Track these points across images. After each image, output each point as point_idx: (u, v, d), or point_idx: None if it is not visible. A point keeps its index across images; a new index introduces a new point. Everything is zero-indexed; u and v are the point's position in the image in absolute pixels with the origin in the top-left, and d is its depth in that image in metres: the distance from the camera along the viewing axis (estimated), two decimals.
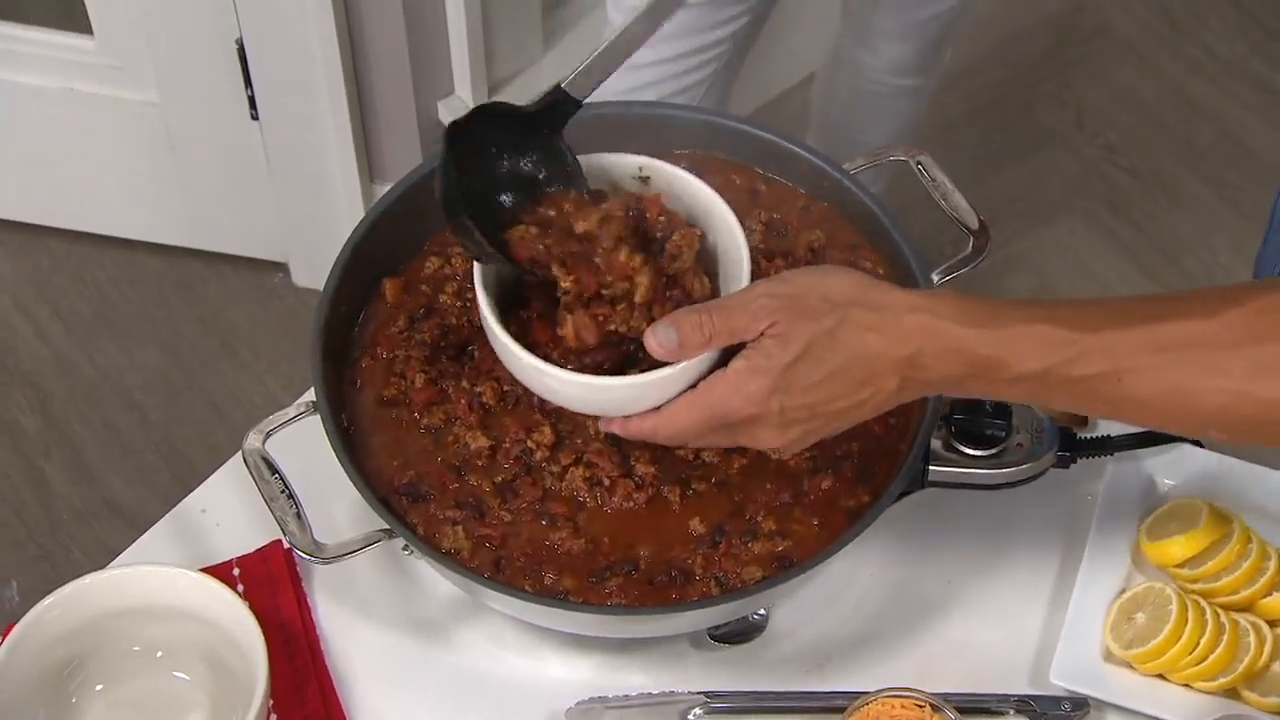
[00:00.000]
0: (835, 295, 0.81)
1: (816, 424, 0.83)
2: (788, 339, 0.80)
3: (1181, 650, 0.95)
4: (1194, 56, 2.33)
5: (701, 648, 1.00)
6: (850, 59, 1.69)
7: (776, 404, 0.81)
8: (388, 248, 1.04)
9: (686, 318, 0.82)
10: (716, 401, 0.82)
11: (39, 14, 1.95)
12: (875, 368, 0.80)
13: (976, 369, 0.80)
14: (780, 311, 0.80)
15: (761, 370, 0.80)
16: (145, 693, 0.96)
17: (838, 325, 0.80)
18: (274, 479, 0.93)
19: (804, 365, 0.80)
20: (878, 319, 0.80)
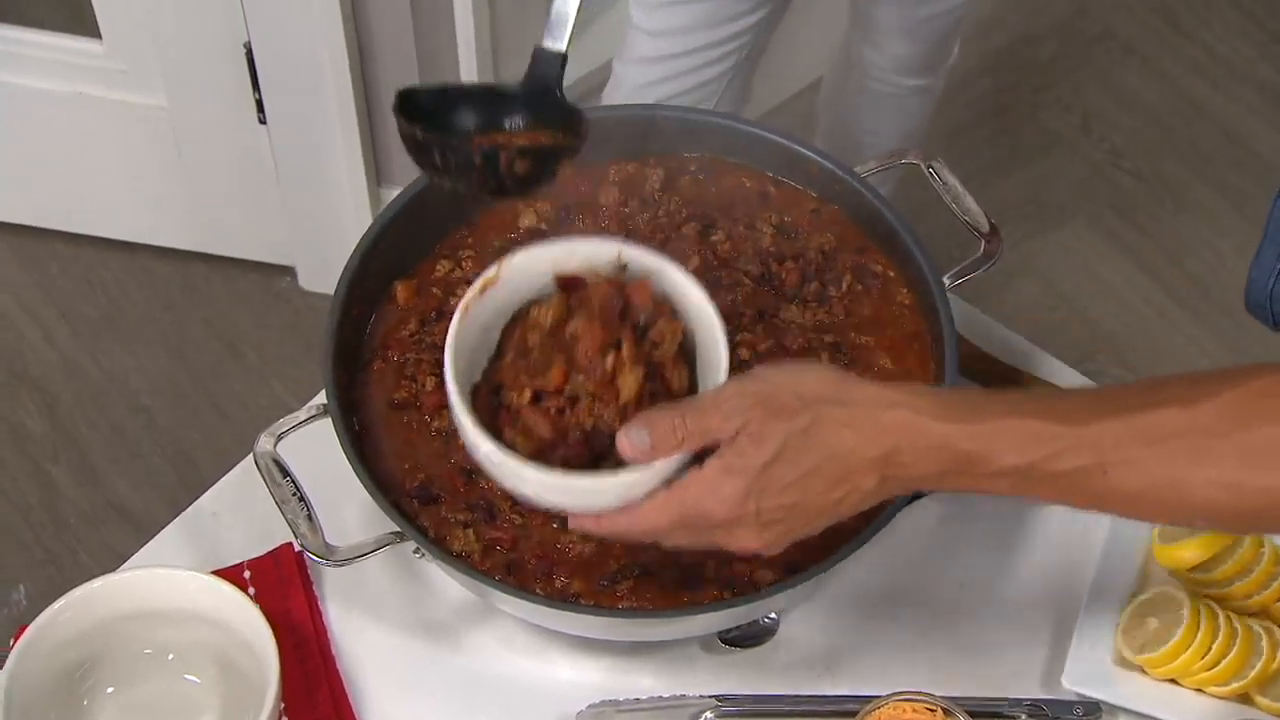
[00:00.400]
0: (809, 392, 0.79)
1: (795, 523, 0.81)
2: (761, 439, 0.78)
3: (1194, 655, 0.94)
4: (1198, 60, 2.33)
5: (712, 651, 1.00)
6: (857, 58, 1.69)
7: (753, 505, 0.79)
8: (398, 251, 1.04)
9: (660, 419, 0.80)
10: (691, 502, 0.80)
11: (47, 18, 1.95)
12: (851, 465, 0.78)
13: (957, 465, 0.78)
14: (753, 410, 0.78)
15: (736, 470, 0.78)
16: (157, 695, 0.96)
17: (812, 424, 0.78)
18: (286, 482, 0.93)
19: (779, 466, 0.78)
20: (852, 415, 0.78)
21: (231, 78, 1.81)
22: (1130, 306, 2.08)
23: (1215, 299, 2.07)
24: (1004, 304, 2.00)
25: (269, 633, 0.92)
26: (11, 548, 1.85)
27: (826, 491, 0.79)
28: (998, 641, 1.00)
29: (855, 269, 1.05)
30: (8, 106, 1.92)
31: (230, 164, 1.93)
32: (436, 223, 1.06)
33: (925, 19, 1.59)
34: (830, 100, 1.84)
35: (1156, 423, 0.76)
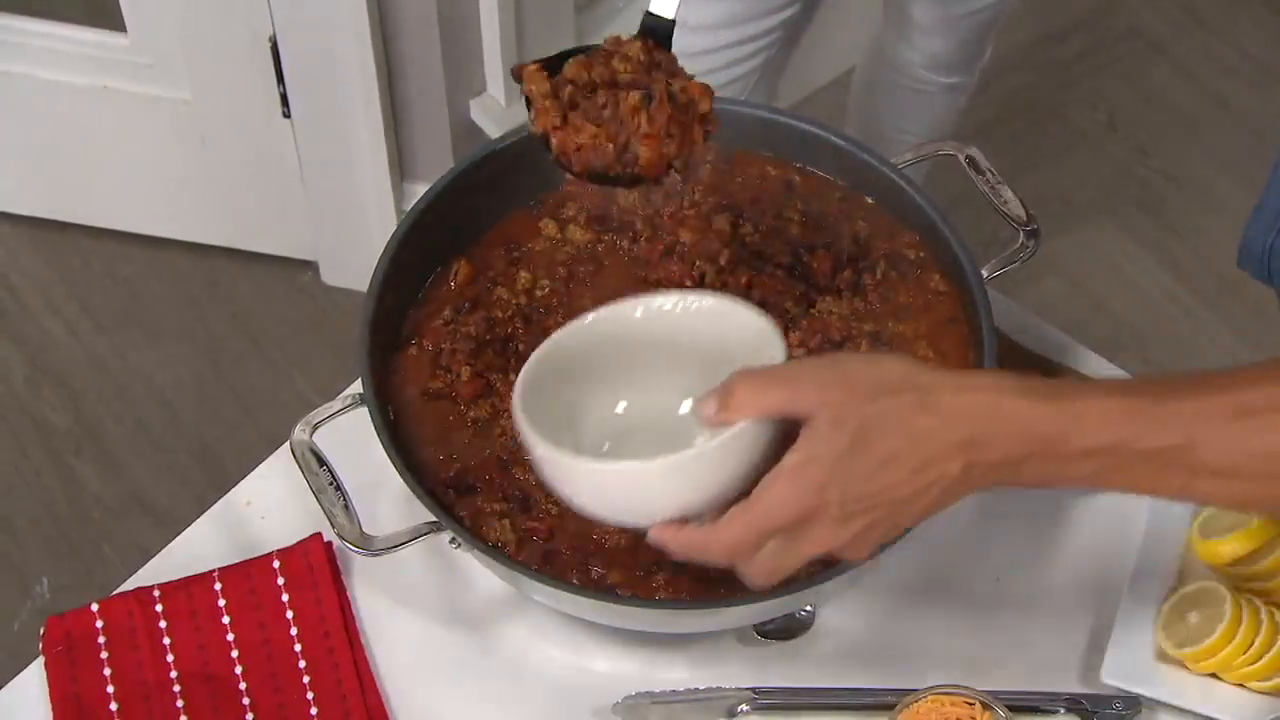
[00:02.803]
0: (889, 378, 0.77)
1: (879, 515, 0.77)
2: (841, 421, 0.76)
3: (1236, 650, 0.93)
4: (1225, 57, 2.32)
5: (748, 644, 0.99)
6: (890, 54, 1.69)
7: (835, 495, 0.76)
8: (438, 239, 1.04)
9: (739, 379, 0.78)
10: (774, 501, 0.77)
11: (73, 11, 1.95)
12: (933, 450, 0.76)
13: (1040, 446, 0.76)
14: (833, 389, 0.77)
15: (816, 458, 0.76)
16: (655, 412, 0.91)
17: (889, 407, 0.76)
18: (322, 471, 0.93)
19: (860, 452, 0.76)
20: (932, 400, 0.76)
21: (256, 72, 1.81)
22: (1156, 304, 2.07)
23: (1242, 297, 2.06)
24: (1030, 300, 1.99)
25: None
26: (35, 541, 1.85)
27: (909, 480, 0.76)
28: (1035, 635, 0.99)
29: (889, 256, 1.04)
30: (33, 100, 1.92)
31: (254, 158, 1.93)
32: (473, 212, 1.05)
33: (962, 16, 1.59)
34: (860, 96, 1.83)
35: (1244, 399, 0.75)
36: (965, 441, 0.76)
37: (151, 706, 0.96)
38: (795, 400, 0.77)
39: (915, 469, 0.76)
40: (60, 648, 0.97)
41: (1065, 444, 0.76)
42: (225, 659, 0.98)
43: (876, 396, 0.76)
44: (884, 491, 0.77)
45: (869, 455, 0.76)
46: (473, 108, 1.88)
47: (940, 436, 0.76)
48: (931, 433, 0.76)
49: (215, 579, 1.00)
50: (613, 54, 0.88)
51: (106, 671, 0.97)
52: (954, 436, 0.76)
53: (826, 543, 0.78)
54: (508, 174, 1.05)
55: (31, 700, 0.97)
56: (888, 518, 0.78)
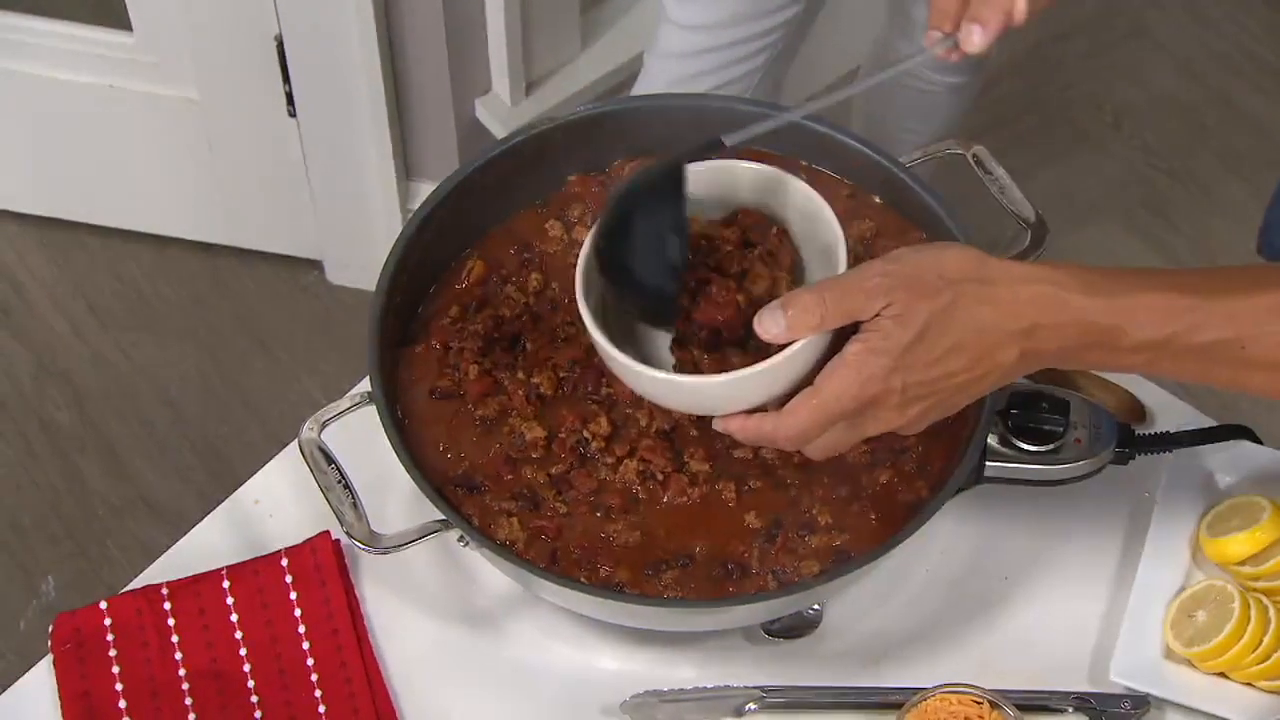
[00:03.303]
0: (951, 271, 0.80)
1: (936, 399, 0.82)
2: (906, 318, 0.79)
3: (1244, 649, 0.93)
4: (1230, 57, 2.32)
5: (755, 642, 0.99)
6: (894, 55, 1.68)
7: (898, 383, 0.80)
8: (445, 237, 1.04)
9: (799, 297, 0.80)
10: (839, 389, 0.80)
11: (79, 10, 1.95)
12: (993, 340, 0.80)
13: (1096, 338, 0.80)
14: (897, 291, 0.79)
15: (880, 350, 0.79)
16: None
17: (953, 301, 0.79)
18: (331, 469, 0.93)
19: (923, 343, 0.79)
20: (993, 292, 0.79)
21: (262, 71, 1.81)
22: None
23: None
24: None
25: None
26: (41, 539, 1.85)
27: (969, 367, 0.80)
28: (1044, 634, 0.99)
29: None
30: (39, 99, 1.93)
31: (260, 157, 1.93)
32: (482, 212, 1.06)
33: None
34: (865, 96, 1.83)
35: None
36: (1024, 331, 0.79)
37: (160, 704, 0.96)
38: (861, 309, 0.80)
39: (976, 357, 0.80)
40: (69, 645, 0.97)
41: (1120, 338, 0.79)
42: (233, 657, 0.98)
43: (940, 291, 0.79)
44: (945, 378, 0.80)
45: (933, 345, 0.79)
46: (478, 107, 1.88)
47: (1001, 326, 0.79)
48: (992, 323, 0.79)
49: (223, 577, 1.00)
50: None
51: (115, 669, 0.97)
52: (1013, 326, 0.79)
53: (888, 424, 0.82)
54: (516, 173, 1.05)
55: (40, 698, 0.97)
56: (946, 400, 0.82)
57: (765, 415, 0.83)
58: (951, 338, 0.79)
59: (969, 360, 0.80)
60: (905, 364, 0.79)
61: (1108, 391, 1.07)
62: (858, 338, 0.80)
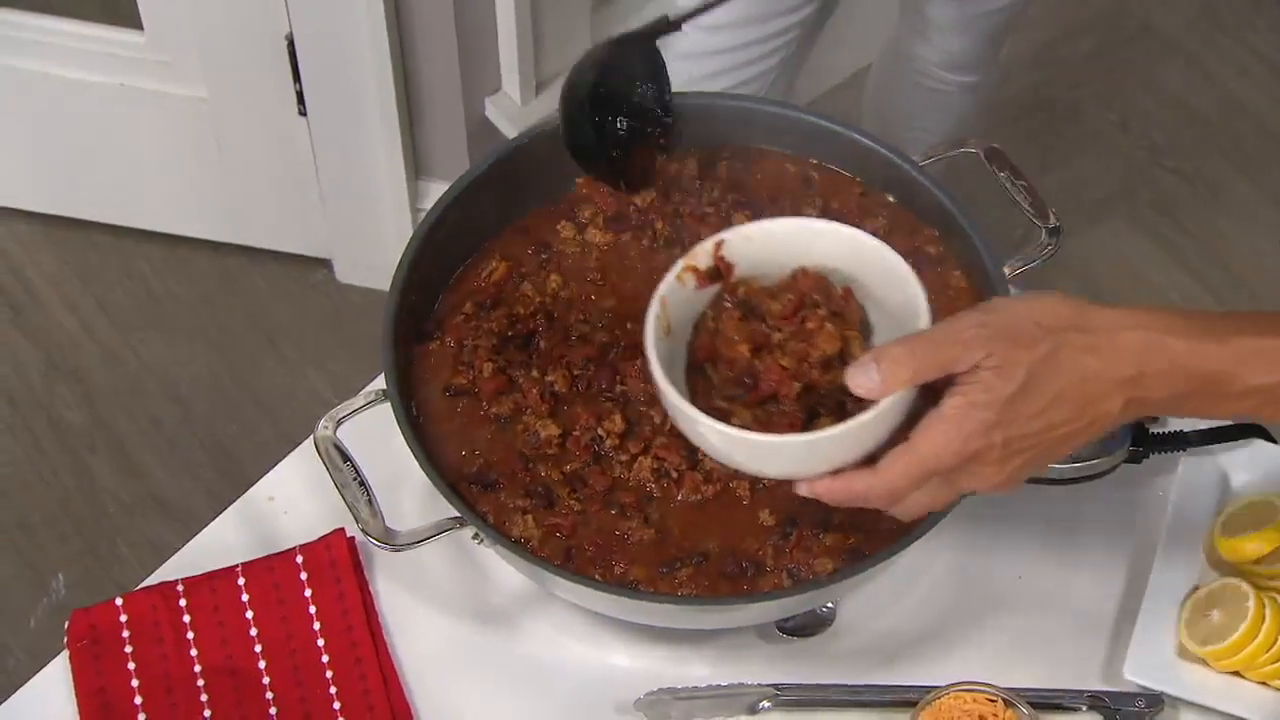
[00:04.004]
0: (1049, 319, 0.77)
1: (1036, 452, 0.79)
2: (1006, 370, 0.76)
3: (1259, 648, 0.94)
4: (1240, 57, 2.32)
5: (769, 640, 0.99)
6: (907, 53, 1.69)
7: (1000, 437, 0.77)
8: (459, 235, 1.04)
9: (890, 351, 0.78)
10: (938, 446, 0.77)
11: (89, 10, 1.95)
12: (1097, 390, 0.77)
13: (1202, 385, 0.77)
14: (995, 341, 0.76)
15: (980, 405, 0.76)
16: None
17: (1054, 351, 0.76)
18: (346, 466, 0.93)
19: (1025, 396, 0.76)
20: (1095, 340, 0.77)
21: (272, 70, 1.81)
22: (1169, 303, 2.07)
23: (1258, 297, 2.05)
24: None
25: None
26: (51, 537, 1.85)
27: (1072, 418, 0.78)
28: (1058, 632, 0.99)
29: (910, 253, 1.04)
30: (49, 98, 1.93)
31: (270, 156, 1.93)
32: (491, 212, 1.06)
33: (980, 15, 1.59)
34: (876, 94, 1.83)
35: None
36: (1130, 380, 0.77)
37: (175, 700, 0.96)
38: (958, 361, 0.77)
39: (1079, 408, 0.78)
40: (85, 641, 0.98)
41: (1228, 384, 0.77)
42: (249, 653, 0.98)
43: (1039, 340, 0.77)
44: (1047, 430, 0.78)
45: (1036, 398, 0.77)
46: (488, 106, 1.88)
47: (1105, 375, 0.77)
48: (1097, 373, 0.77)
49: (238, 574, 1.01)
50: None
51: (131, 665, 0.97)
52: (1118, 375, 0.77)
53: (985, 481, 0.80)
54: (530, 170, 1.05)
55: (57, 694, 0.97)
56: (1046, 453, 0.80)
57: (856, 474, 0.80)
58: (1054, 388, 0.76)
59: (1072, 411, 0.77)
60: (1007, 418, 0.77)
61: None
62: (956, 390, 0.77)
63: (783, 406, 0.84)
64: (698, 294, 0.88)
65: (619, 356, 0.99)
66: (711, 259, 0.88)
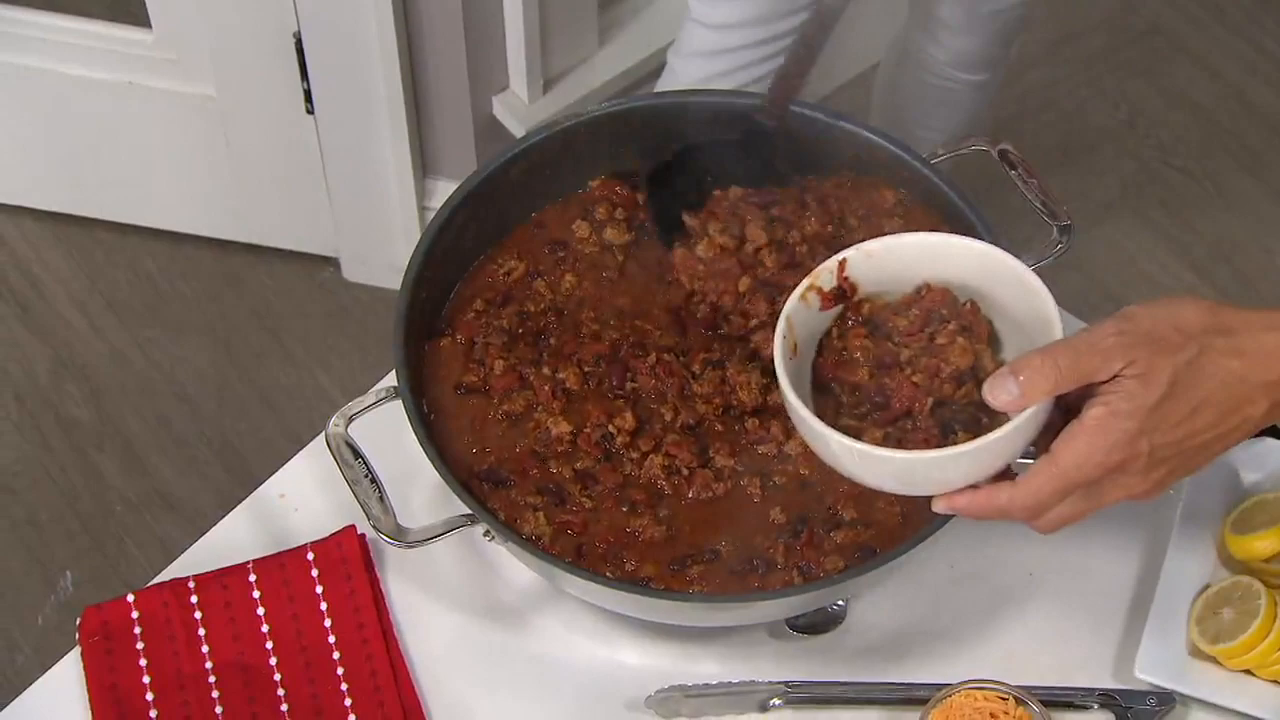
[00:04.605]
0: (1189, 325, 0.77)
1: (1181, 459, 0.78)
2: (1150, 377, 0.75)
3: (1270, 646, 0.93)
4: (1247, 55, 2.32)
5: (779, 638, 0.99)
6: (915, 51, 1.68)
7: (1145, 445, 0.76)
8: (470, 232, 1.04)
9: (1030, 362, 0.77)
10: (1081, 457, 0.77)
11: (97, 7, 1.96)
12: (1242, 394, 0.77)
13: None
14: (1137, 349, 0.75)
15: (1124, 414, 0.75)
16: None
17: (1198, 355, 0.76)
18: (358, 463, 0.93)
19: (1170, 402, 0.76)
20: (1238, 343, 0.76)
21: (280, 68, 1.81)
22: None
23: (1265, 297, 2.05)
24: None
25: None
26: (58, 535, 1.85)
27: (1217, 423, 0.77)
28: (1069, 630, 0.99)
29: None
30: (57, 96, 1.93)
31: (277, 154, 1.94)
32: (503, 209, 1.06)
33: (988, 15, 1.58)
34: (885, 93, 1.83)
35: None
36: (1275, 383, 0.77)
37: (187, 696, 0.96)
38: (1099, 370, 0.76)
39: (1224, 413, 0.77)
40: (97, 638, 0.98)
41: None
42: (260, 650, 0.98)
43: (1182, 346, 0.76)
44: (1192, 436, 0.77)
45: (1181, 404, 0.76)
46: (495, 104, 1.88)
47: (1250, 379, 0.77)
48: (1242, 376, 0.77)
49: (250, 571, 1.01)
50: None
51: (143, 662, 0.97)
52: (1263, 378, 0.77)
53: (1129, 491, 0.79)
54: (542, 168, 1.06)
55: (67, 691, 0.97)
56: (1190, 460, 0.79)
57: (998, 487, 0.79)
58: (1200, 394, 0.76)
59: (1217, 416, 0.77)
60: (1152, 426, 0.76)
61: None
62: (1098, 400, 0.76)
63: (916, 423, 0.83)
64: (820, 316, 0.87)
65: (630, 354, 0.99)
66: (835, 279, 0.87)
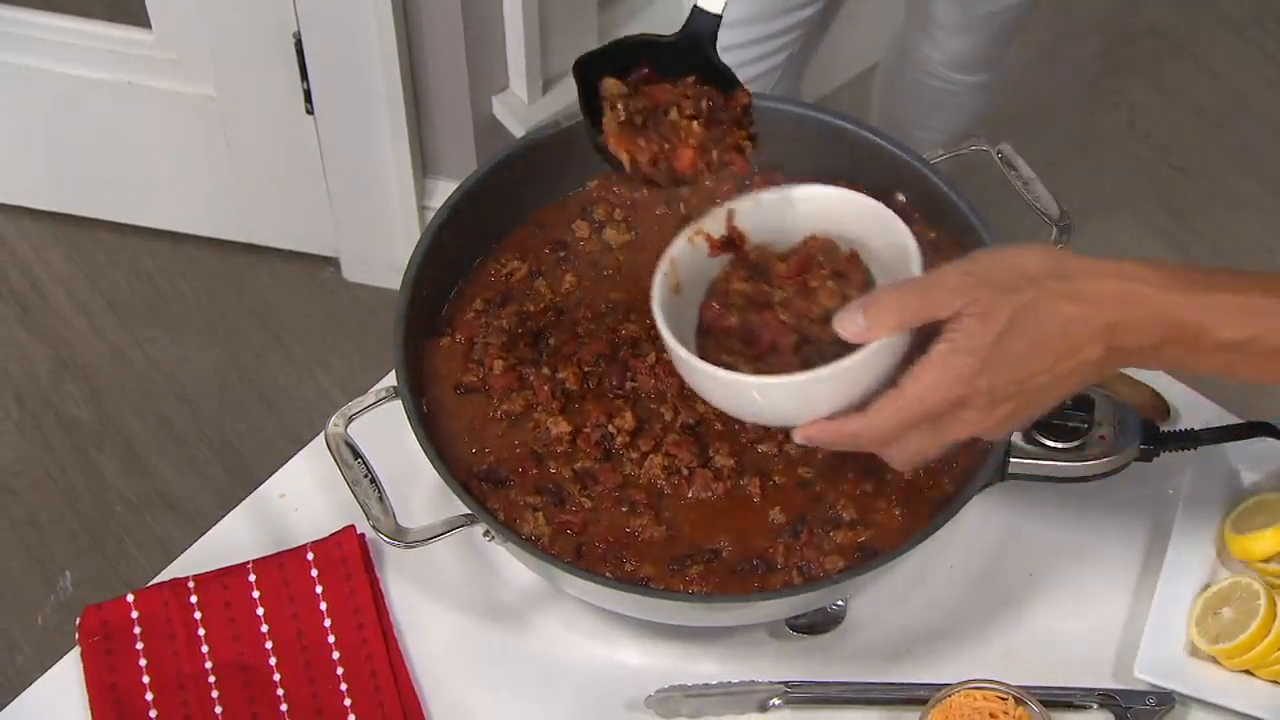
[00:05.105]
0: (1031, 268, 0.79)
1: (1022, 399, 0.80)
2: (989, 315, 0.78)
3: (1270, 646, 0.93)
4: (1246, 55, 2.32)
5: (779, 638, 0.99)
6: (913, 52, 1.69)
7: (985, 383, 0.79)
8: (470, 232, 1.04)
9: (878, 297, 0.80)
10: (924, 390, 0.79)
11: (97, 7, 1.96)
12: (1078, 337, 0.78)
13: (1177, 335, 0.79)
14: (979, 289, 0.78)
15: (966, 350, 0.78)
16: None
17: (1037, 297, 0.78)
18: (357, 463, 0.93)
19: (1009, 340, 0.78)
20: (1076, 287, 0.78)
21: (280, 68, 1.81)
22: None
23: None
24: None
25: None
26: (59, 535, 1.85)
27: (1055, 364, 0.79)
28: (1068, 630, 0.99)
29: None
30: (57, 96, 1.93)
31: (277, 154, 1.94)
32: (503, 208, 1.06)
33: (985, 16, 1.59)
34: (883, 93, 1.83)
35: None
36: (1108, 327, 0.78)
37: (187, 696, 0.96)
38: (941, 307, 0.79)
39: (1061, 354, 0.79)
40: (96, 638, 0.98)
41: (1202, 337, 0.78)
42: (259, 650, 0.98)
43: (1022, 288, 0.78)
44: (1031, 377, 0.79)
45: (1018, 343, 0.78)
46: (495, 104, 1.88)
47: (1085, 321, 0.78)
48: (1078, 319, 0.78)
49: (249, 570, 1.01)
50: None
51: (142, 662, 0.97)
52: (1098, 322, 0.78)
53: (974, 426, 0.81)
54: (540, 169, 1.06)
55: (67, 690, 0.97)
56: (1032, 401, 0.81)
57: (849, 417, 0.82)
58: (1036, 334, 0.78)
59: (1054, 358, 0.79)
60: (991, 364, 0.78)
61: (1133, 389, 1.07)
62: (943, 337, 0.79)
63: (781, 358, 0.86)
64: (710, 260, 0.90)
65: (630, 353, 0.99)
66: (724, 227, 0.89)
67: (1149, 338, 0.79)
